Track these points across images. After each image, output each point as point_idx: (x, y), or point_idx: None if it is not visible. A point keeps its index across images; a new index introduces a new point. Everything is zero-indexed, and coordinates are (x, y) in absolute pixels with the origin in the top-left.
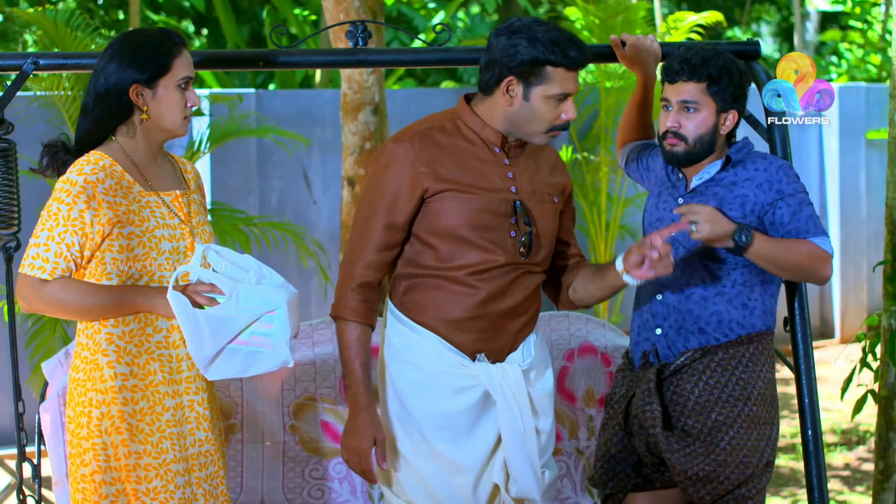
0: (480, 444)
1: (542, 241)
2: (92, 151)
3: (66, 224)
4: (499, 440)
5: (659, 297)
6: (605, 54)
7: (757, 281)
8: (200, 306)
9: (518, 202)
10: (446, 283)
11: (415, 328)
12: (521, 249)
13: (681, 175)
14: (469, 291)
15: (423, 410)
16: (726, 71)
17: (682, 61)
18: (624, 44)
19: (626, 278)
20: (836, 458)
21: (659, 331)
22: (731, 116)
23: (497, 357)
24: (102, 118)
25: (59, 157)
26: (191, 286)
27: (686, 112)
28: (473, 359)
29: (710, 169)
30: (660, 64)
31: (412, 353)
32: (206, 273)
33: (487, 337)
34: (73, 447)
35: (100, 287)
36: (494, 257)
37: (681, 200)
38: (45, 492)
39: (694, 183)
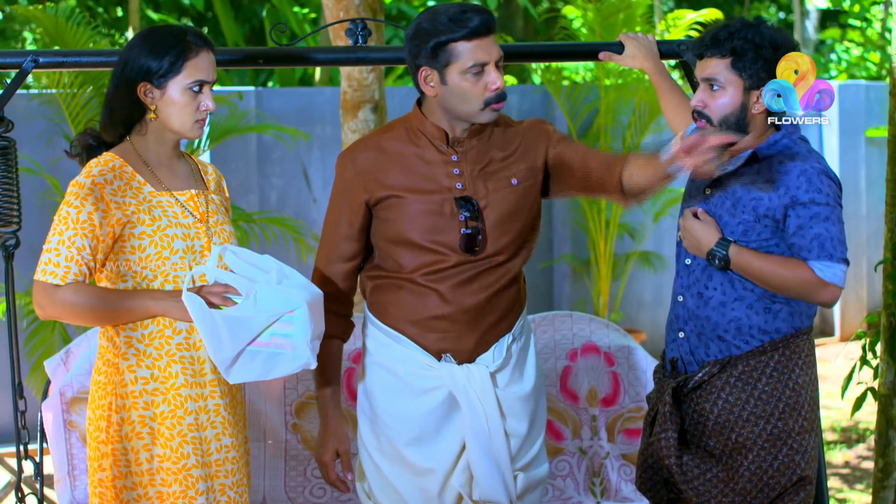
0: (446, 446)
1: (498, 231)
2: (105, 153)
3: (76, 227)
4: (465, 443)
5: (679, 298)
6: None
7: None
8: (217, 307)
9: (466, 198)
10: (406, 284)
11: (383, 329)
12: (475, 248)
13: None
14: (427, 292)
15: (389, 412)
16: (753, 45)
17: (711, 35)
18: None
19: (664, 156)
20: (836, 455)
21: (682, 334)
22: None
23: (466, 358)
24: (117, 110)
25: (87, 142)
26: (206, 287)
27: (711, 90)
28: (440, 359)
29: (735, 161)
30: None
31: (381, 353)
32: (224, 274)
33: (452, 337)
34: (92, 450)
35: (112, 291)
36: (444, 258)
37: (707, 192)
38: (46, 490)
39: (718, 172)
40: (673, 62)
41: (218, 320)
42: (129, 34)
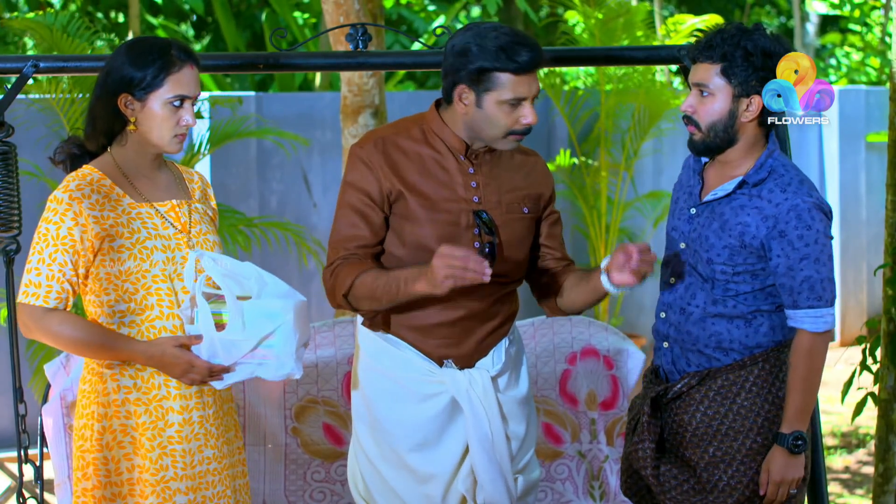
0: (449, 452)
1: (508, 252)
2: (84, 166)
3: (56, 243)
4: (467, 448)
5: (662, 315)
6: (603, 58)
7: (765, 304)
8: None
9: (481, 212)
10: None
11: (383, 335)
12: (489, 262)
13: (700, 179)
14: (431, 299)
15: (390, 419)
16: (744, 51)
17: (706, 39)
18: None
19: (605, 283)
20: (836, 461)
21: (665, 344)
22: (754, 103)
23: (466, 363)
24: (99, 119)
25: (71, 150)
26: (196, 368)
27: (701, 96)
28: (441, 365)
29: (727, 186)
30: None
31: (381, 360)
32: (208, 289)
33: (454, 342)
34: (76, 459)
35: (99, 330)
36: None
37: (693, 211)
38: (46, 494)
39: (709, 197)
40: (674, 67)
41: (216, 343)
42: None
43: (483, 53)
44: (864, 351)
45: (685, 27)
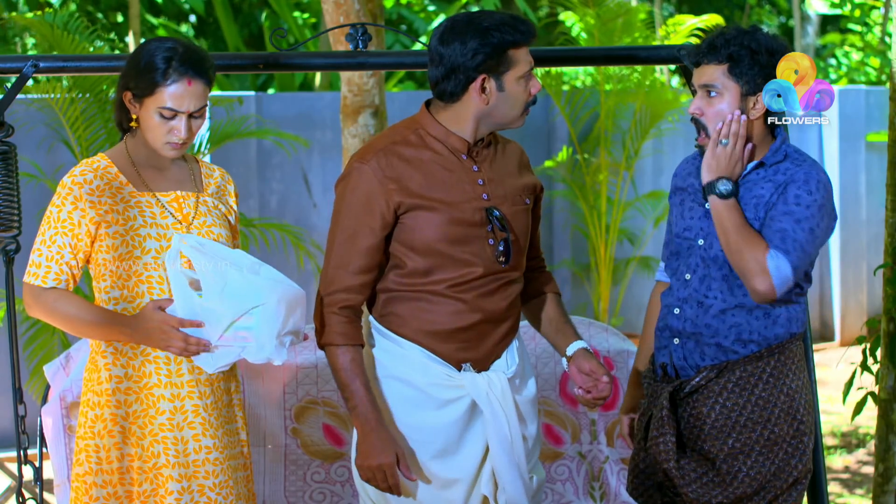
0: (469, 456)
1: (519, 246)
2: (98, 153)
3: (57, 226)
4: (487, 451)
5: (676, 311)
6: (603, 58)
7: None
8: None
9: (492, 209)
10: (427, 296)
11: (398, 341)
12: (500, 258)
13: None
14: (449, 302)
15: (411, 425)
16: (749, 50)
17: (708, 42)
18: None
19: (564, 363)
20: (836, 460)
21: (676, 341)
22: (761, 100)
23: (482, 366)
24: (114, 109)
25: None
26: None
27: (708, 97)
28: (459, 368)
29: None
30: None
31: (397, 366)
32: (188, 272)
33: (471, 346)
34: (76, 444)
35: (94, 309)
36: (473, 269)
37: (707, 205)
38: (46, 495)
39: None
40: (673, 67)
41: (196, 305)
42: (130, 39)
43: (490, 36)
44: (864, 351)
45: (685, 28)
